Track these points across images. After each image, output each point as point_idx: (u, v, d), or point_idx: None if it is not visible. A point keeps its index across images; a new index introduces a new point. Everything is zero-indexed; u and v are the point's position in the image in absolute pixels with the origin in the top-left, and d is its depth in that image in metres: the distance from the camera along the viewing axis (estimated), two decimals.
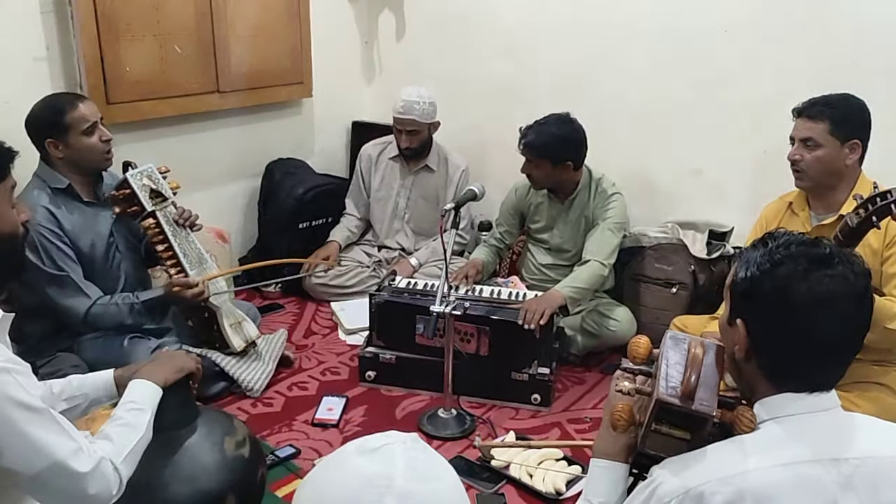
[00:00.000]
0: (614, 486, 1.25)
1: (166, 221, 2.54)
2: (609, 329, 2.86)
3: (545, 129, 2.77)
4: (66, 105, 2.36)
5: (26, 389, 1.26)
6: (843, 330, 1.10)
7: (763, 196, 2.32)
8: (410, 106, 3.24)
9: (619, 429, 1.22)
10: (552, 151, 2.77)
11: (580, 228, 2.93)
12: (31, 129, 2.38)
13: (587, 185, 2.92)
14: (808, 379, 1.12)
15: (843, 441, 1.09)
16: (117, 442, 1.39)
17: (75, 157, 2.39)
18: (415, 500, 0.79)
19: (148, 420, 1.47)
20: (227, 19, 3.22)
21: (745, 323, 1.14)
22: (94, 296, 2.40)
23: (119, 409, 1.48)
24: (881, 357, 2.12)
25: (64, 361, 2.36)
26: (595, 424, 2.52)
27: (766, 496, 1.03)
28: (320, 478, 0.84)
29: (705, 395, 1.13)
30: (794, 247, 1.12)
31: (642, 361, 1.28)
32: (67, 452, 1.27)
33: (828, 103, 2.16)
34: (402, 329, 2.67)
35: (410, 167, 3.47)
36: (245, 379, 2.62)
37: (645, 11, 3.09)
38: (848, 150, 2.14)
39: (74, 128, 2.36)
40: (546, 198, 2.99)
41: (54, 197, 2.39)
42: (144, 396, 1.51)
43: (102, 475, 1.31)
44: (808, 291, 1.07)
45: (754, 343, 1.14)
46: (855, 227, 1.78)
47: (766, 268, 1.11)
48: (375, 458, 0.81)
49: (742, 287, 1.15)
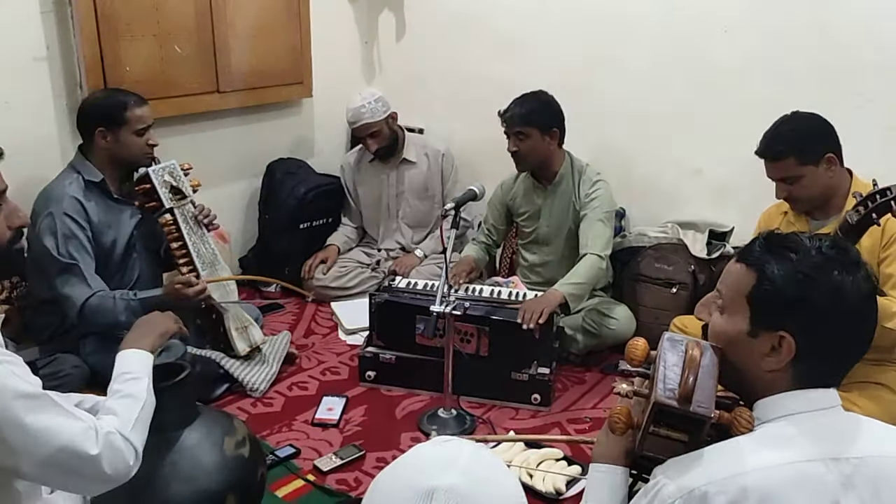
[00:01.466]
0: (615, 491, 1.25)
1: (183, 220, 2.56)
2: (609, 328, 2.86)
3: (527, 100, 2.81)
4: (130, 102, 2.43)
5: (22, 378, 1.26)
6: (872, 328, 1.14)
7: (763, 196, 2.31)
8: (358, 112, 3.27)
9: (617, 431, 1.22)
10: (539, 117, 2.79)
11: (568, 216, 2.92)
12: (86, 114, 2.44)
13: (570, 171, 2.92)
14: (830, 377, 1.14)
15: (844, 440, 1.09)
16: (122, 414, 1.38)
17: (120, 151, 2.45)
18: (475, 477, 0.82)
19: (146, 386, 1.47)
20: (227, 19, 3.22)
21: (791, 334, 1.10)
22: (96, 288, 2.40)
23: (114, 383, 1.47)
24: (880, 356, 2.12)
25: (65, 362, 2.37)
26: (594, 424, 2.52)
27: (769, 495, 1.03)
28: (394, 464, 0.88)
29: (703, 397, 1.13)
30: (828, 251, 1.12)
31: (640, 363, 1.27)
32: (74, 433, 1.27)
33: (783, 139, 2.14)
34: (402, 329, 2.67)
35: (390, 165, 3.48)
36: (249, 380, 2.62)
37: (645, 11, 3.09)
38: (826, 166, 2.13)
39: (130, 125, 2.43)
40: (531, 187, 2.99)
41: (86, 190, 2.42)
42: (137, 365, 1.50)
43: (115, 451, 1.31)
44: (858, 293, 1.10)
45: (801, 352, 1.11)
46: (855, 225, 1.78)
47: (813, 275, 1.10)
48: (445, 445, 0.88)
49: (786, 297, 1.11)
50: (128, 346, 1.55)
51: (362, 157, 3.54)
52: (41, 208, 2.38)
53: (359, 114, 3.27)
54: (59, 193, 2.38)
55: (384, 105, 3.32)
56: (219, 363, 2.61)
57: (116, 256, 2.50)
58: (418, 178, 3.49)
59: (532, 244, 3.08)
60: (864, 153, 2.28)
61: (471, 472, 0.82)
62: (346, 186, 3.61)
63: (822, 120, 2.17)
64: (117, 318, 2.37)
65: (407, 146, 3.45)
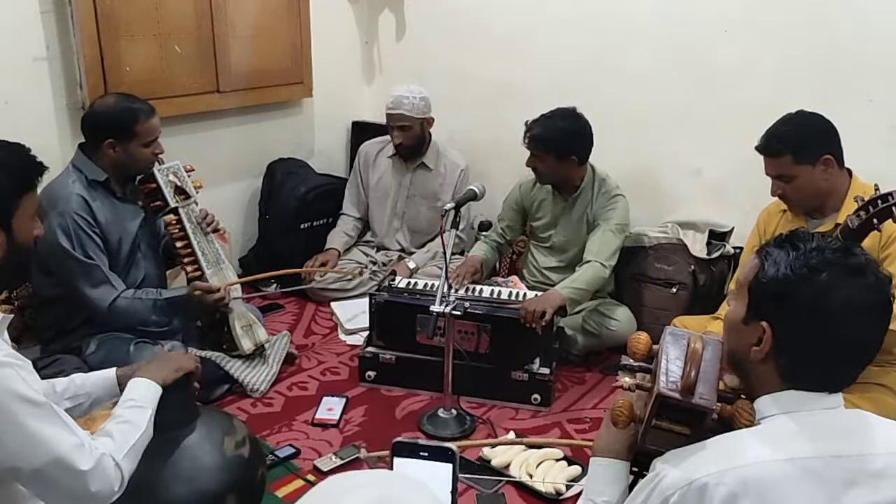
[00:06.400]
0: (616, 484, 1.25)
1: (188, 219, 2.57)
2: (609, 329, 2.86)
3: (551, 124, 2.76)
4: (140, 115, 2.41)
5: (28, 384, 1.27)
6: (871, 336, 1.11)
7: (763, 196, 2.32)
8: (399, 100, 3.24)
9: (619, 424, 1.22)
10: (557, 145, 2.75)
11: (582, 228, 2.92)
12: (95, 125, 2.41)
13: (591, 183, 2.90)
14: (824, 381, 1.12)
15: (847, 438, 1.09)
16: (118, 439, 1.39)
17: (126, 161, 2.44)
18: None
19: (148, 417, 1.48)
20: (227, 19, 3.22)
21: (770, 326, 1.12)
22: (119, 287, 2.41)
23: (119, 407, 1.48)
24: (881, 357, 2.12)
25: (67, 363, 2.36)
26: (594, 425, 2.51)
27: (768, 489, 1.03)
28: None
29: (705, 390, 1.13)
30: (830, 253, 1.11)
31: (642, 358, 1.28)
32: (69, 448, 1.28)
33: (782, 137, 2.15)
34: (402, 329, 2.67)
35: (408, 165, 3.46)
36: (249, 381, 2.62)
37: (645, 11, 3.09)
38: (822, 168, 2.13)
39: (140, 138, 2.41)
40: (550, 194, 2.98)
41: (90, 188, 2.42)
42: (145, 394, 1.51)
43: (104, 472, 1.32)
44: (846, 300, 1.08)
45: (778, 346, 1.12)
46: (856, 229, 1.79)
47: (804, 273, 1.10)
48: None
49: (772, 288, 1.12)
50: (142, 374, 1.56)
51: (382, 150, 3.52)
52: (48, 207, 2.37)
53: (400, 102, 3.24)
54: (65, 192, 2.37)
55: (426, 107, 3.30)
56: (219, 364, 2.61)
57: (122, 255, 2.50)
58: (432, 185, 3.46)
59: (545, 248, 3.07)
60: (865, 153, 2.28)
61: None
62: (360, 173, 3.57)
63: (824, 121, 2.17)
64: (148, 317, 2.43)
65: (429, 152, 3.44)
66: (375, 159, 3.53)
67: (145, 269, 2.58)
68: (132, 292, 2.44)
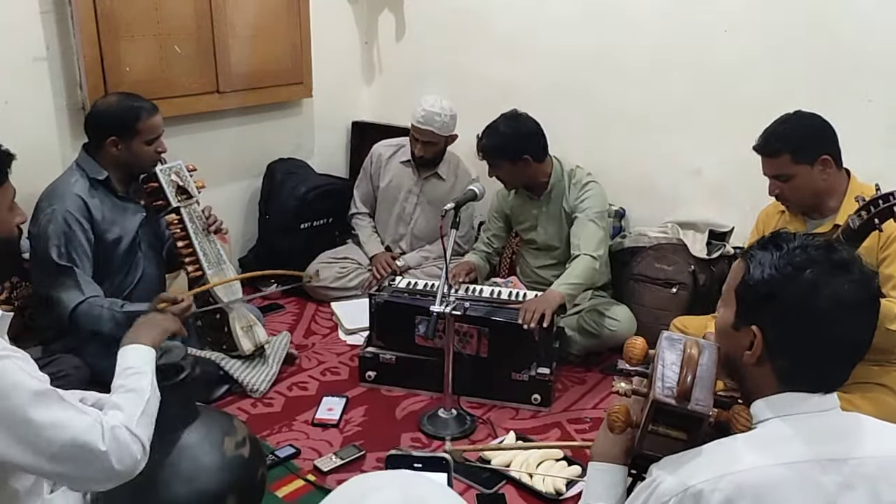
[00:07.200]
0: (613, 489, 1.25)
1: (189, 219, 2.58)
2: (609, 329, 2.86)
3: (494, 131, 2.80)
4: (143, 112, 2.42)
5: (30, 373, 1.27)
6: (861, 330, 1.11)
7: (763, 196, 2.31)
8: (431, 117, 3.20)
9: (615, 430, 1.23)
10: (505, 150, 2.78)
11: (563, 223, 2.92)
12: (98, 123, 2.43)
13: (560, 178, 2.91)
14: (820, 381, 1.12)
15: (843, 441, 1.09)
16: (127, 408, 1.38)
17: (129, 159, 2.45)
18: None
19: (150, 380, 1.47)
20: (226, 19, 3.22)
21: (761, 329, 1.12)
22: (87, 293, 2.38)
23: (118, 378, 1.47)
24: (881, 357, 2.12)
25: (66, 363, 2.36)
26: (594, 425, 2.52)
27: (764, 494, 1.03)
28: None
29: (701, 395, 1.13)
30: (814, 250, 1.11)
31: (638, 362, 1.28)
32: (83, 427, 1.27)
33: (780, 137, 2.15)
34: (402, 329, 2.67)
35: (421, 174, 3.45)
36: (249, 381, 2.62)
37: (645, 11, 3.09)
38: (820, 168, 2.13)
39: (142, 135, 2.43)
40: (525, 197, 3.00)
41: (91, 187, 2.42)
42: (139, 360, 1.50)
43: (122, 445, 1.31)
44: (833, 296, 1.07)
45: (770, 348, 1.12)
46: (857, 229, 1.78)
47: (788, 272, 1.10)
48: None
49: (759, 290, 1.12)
50: (129, 342, 1.55)
51: (396, 153, 3.50)
52: (45, 205, 2.38)
53: (431, 119, 3.20)
54: (63, 191, 2.39)
55: (454, 124, 3.28)
56: (219, 364, 2.61)
57: (120, 254, 2.50)
58: (441, 194, 3.43)
59: (534, 250, 3.09)
60: (864, 153, 2.28)
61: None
62: (371, 173, 3.55)
63: (822, 121, 2.17)
64: (101, 326, 2.37)
65: (442, 162, 3.42)
66: (388, 162, 3.52)
67: (144, 269, 2.58)
68: (99, 300, 2.40)
